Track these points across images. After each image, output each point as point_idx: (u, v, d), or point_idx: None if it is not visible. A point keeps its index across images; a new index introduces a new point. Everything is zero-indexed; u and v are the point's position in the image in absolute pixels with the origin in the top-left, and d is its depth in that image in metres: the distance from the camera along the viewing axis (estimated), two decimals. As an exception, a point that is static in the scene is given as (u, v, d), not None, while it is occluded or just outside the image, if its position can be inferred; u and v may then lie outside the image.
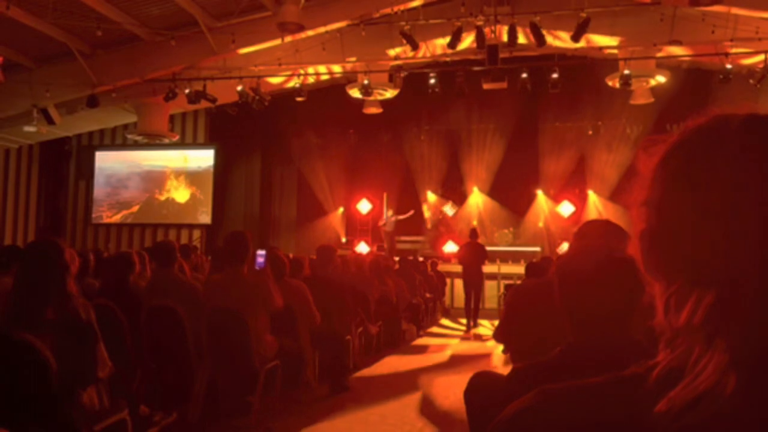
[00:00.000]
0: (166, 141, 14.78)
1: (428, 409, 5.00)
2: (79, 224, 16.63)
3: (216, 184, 15.96)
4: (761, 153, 0.62)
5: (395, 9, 10.49)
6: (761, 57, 10.82)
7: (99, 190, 16.29)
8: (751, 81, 11.12)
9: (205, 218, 15.90)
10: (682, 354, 0.62)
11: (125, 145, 16.10)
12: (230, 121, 14.76)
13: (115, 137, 16.51)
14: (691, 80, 12.40)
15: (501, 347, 6.99)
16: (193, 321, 4.10)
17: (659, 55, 11.61)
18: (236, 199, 16.55)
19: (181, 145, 15.93)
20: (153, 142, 14.81)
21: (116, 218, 16.28)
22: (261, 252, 4.48)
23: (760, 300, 0.58)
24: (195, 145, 16.28)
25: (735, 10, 9.73)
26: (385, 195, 16.18)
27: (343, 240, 16.43)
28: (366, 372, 6.32)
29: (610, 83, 12.09)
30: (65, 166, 16.72)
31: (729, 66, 11.07)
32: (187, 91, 12.12)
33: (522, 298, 2.74)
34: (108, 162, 16.30)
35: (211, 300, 4.21)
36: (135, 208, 16.20)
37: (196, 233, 16.05)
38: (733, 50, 10.93)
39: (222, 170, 16.07)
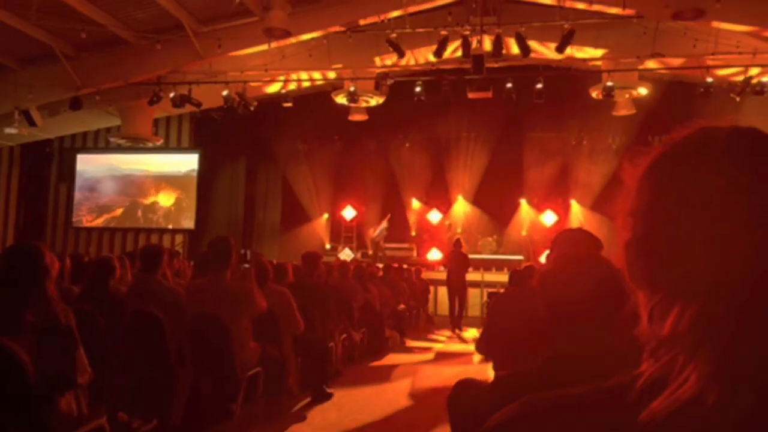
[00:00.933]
0: (150, 145, 14.66)
1: (411, 416, 4.99)
2: (59, 228, 16.41)
3: (200, 189, 15.85)
4: (745, 165, 0.63)
5: (382, 17, 10.53)
6: (741, 70, 11.01)
7: (80, 193, 16.10)
8: (731, 95, 11.30)
9: (189, 223, 15.77)
10: (666, 364, 0.62)
11: (108, 149, 15.94)
12: (215, 125, 14.69)
13: (97, 140, 16.34)
14: (673, 93, 12.57)
15: (480, 357, 7.00)
16: (175, 327, 4.05)
17: (642, 67, 11.78)
18: (220, 204, 16.45)
19: (165, 149, 15.81)
20: (136, 145, 14.68)
21: (98, 222, 16.10)
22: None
23: (744, 311, 0.58)
24: (179, 149, 16.17)
25: (716, 25, 9.90)
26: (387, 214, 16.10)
27: (327, 246, 16.39)
28: (349, 379, 6.29)
29: (593, 94, 12.23)
30: (46, 168, 16.51)
31: (710, 79, 11.26)
32: (171, 95, 12.05)
33: (504, 306, 2.75)
34: (90, 165, 16.13)
35: (193, 305, 4.18)
36: (118, 212, 16.03)
37: (179, 238, 15.91)
38: (713, 63, 11.11)
39: (206, 175, 15.97)
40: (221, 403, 4.22)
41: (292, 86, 13.21)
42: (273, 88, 13.47)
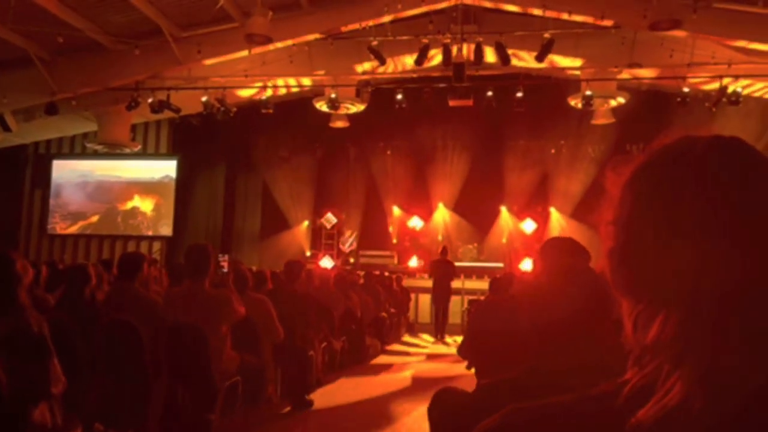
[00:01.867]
0: (128, 151, 14.47)
1: (392, 424, 4.95)
2: (34, 235, 16.10)
3: (178, 196, 15.67)
4: (726, 174, 0.63)
5: (363, 24, 10.55)
6: (717, 80, 11.22)
7: (56, 200, 15.83)
8: (707, 104, 11.49)
9: (167, 230, 15.58)
10: (652, 372, 0.62)
11: (84, 155, 15.70)
12: (194, 131, 14.55)
13: (73, 146, 16.08)
14: (651, 102, 12.75)
15: (464, 363, 6.99)
16: (152, 336, 3.99)
17: (620, 77, 11.94)
18: (198, 211, 16.27)
19: (143, 155, 15.63)
20: (113, 151, 14.49)
21: (73, 229, 15.84)
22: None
23: (726, 318, 0.58)
24: (157, 155, 15.98)
25: (692, 35, 10.08)
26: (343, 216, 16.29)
27: (308, 254, 16.31)
28: (329, 388, 6.24)
29: (572, 103, 12.36)
30: (21, 174, 16.20)
31: (686, 89, 11.44)
32: (150, 100, 11.92)
33: (485, 314, 2.74)
34: (66, 171, 15.88)
35: (170, 314, 4.11)
36: (94, 219, 15.79)
37: (156, 245, 15.71)
38: (690, 74, 11.31)
39: (184, 181, 15.80)
40: (199, 413, 4.15)
41: (271, 93, 13.16)
42: (253, 94, 13.41)
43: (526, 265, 13.12)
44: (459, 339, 10.66)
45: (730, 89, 10.95)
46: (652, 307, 0.64)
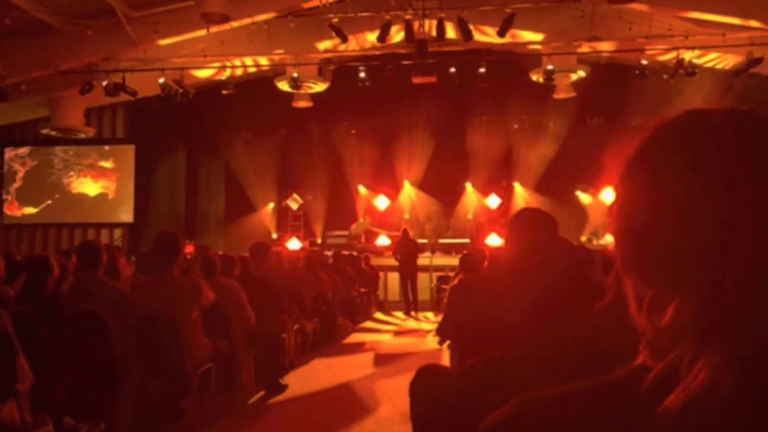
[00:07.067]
0: (82, 136, 14.04)
1: (368, 403, 4.97)
2: (-13, 226, 15.54)
3: (138, 181, 15.28)
4: (748, 148, 0.61)
5: (324, 1, 10.36)
6: (674, 54, 11.42)
7: (10, 187, 15.26)
8: (664, 76, 11.70)
9: (127, 216, 15.20)
10: (675, 357, 0.60)
11: (37, 141, 15.13)
12: (152, 115, 14.17)
13: (25, 132, 15.48)
14: (610, 75, 12.92)
15: (436, 339, 7.07)
16: (120, 326, 3.89)
17: (580, 50, 12.04)
18: (160, 197, 15.90)
19: (99, 140, 15.16)
20: (68, 137, 14.02)
21: (27, 212, 15.22)
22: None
23: (751, 299, 0.57)
24: (114, 140, 15.52)
25: (650, 8, 10.20)
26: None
27: (274, 236, 16.16)
28: (302, 370, 6.23)
29: (534, 78, 12.44)
30: (-29, 163, 15.56)
31: (644, 62, 11.62)
32: (104, 83, 11.54)
33: (464, 294, 2.75)
34: (19, 158, 15.31)
35: (139, 303, 4.02)
36: (49, 203, 15.24)
37: (118, 232, 15.34)
38: (648, 46, 11.48)
39: (144, 166, 15.38)
40: (172, 402, 4.09)
41: (230, 72, 12.87)
42: (212, 75, 13.10)
43: (493, 240, 13.27)
44: (430, 315, 10.82)
45: (686, 60, 11.16)
46: (668, 289, 0.62)
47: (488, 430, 0.71)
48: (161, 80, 11.71)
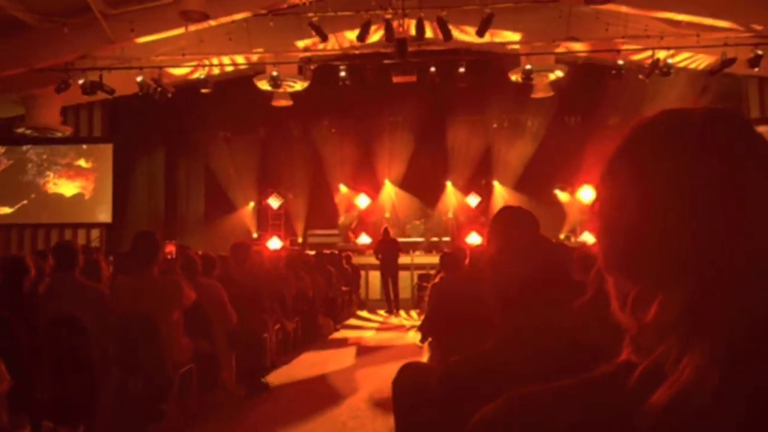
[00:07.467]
0: (59, 135, 13.81)
1: (349, 402, 4.98)
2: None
3: (116, 180, 15.07)
4: (728, 146, 0.62)
5: (303, 0, 10.33)
6: (650, 53, 11.58)
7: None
8: (640, 76, 11.86)
9: (105, 217, 14.99)
10: (660, 355, 0.61)
11: (12, 140, 14.84)
12: (130, 113, 14.01)
13: (0, 131, 15.19)
14: (587, 75, 13.07)
15: (418, 336, 7.09)
16: (99, 327, 3.85)
17: (557, 50, 12.15)
18: (139, 196, 15.72)
19: (76, 139, 14.93)
20: (44, 136, 13.78)
21: (3, 213, 14.93)
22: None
23: (733, 296, 0.58)
24: (91, 139, 15.30)
25: (625, 9, 10.34)
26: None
27: (255, 235, 16.07)
28: (284, 370, 6.21)
29: (513, 78, 12.53)
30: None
31: (621, 62, 11.77)
32: (81, 81, 11.38)
33: (446, 292, 2.76)
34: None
35: (119, 304, 3.98)
36: (24, 203, 14.96)
37: (95, 233, 15.12)
38: (624, 47, 11.62)
39: (122, 165, 15.19)
40: (152, 403, 4.05)
41: (206, 71, 12.74)
42: (191, 74, 12.97)
43: (473, 238, 13.34)
44: (413, 313, 10.84)
45: (661, 60, 11.32)
46: (652, 286, 0.62)
47: (478, 426, 0.71)
48: (139, 79, 11.58)
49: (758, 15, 10.17)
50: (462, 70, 12.18)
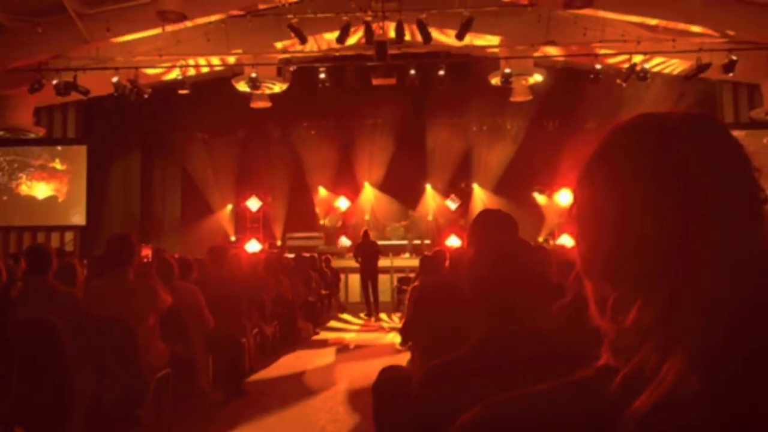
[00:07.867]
0: (32, 136, 13.56)
1: (328, 406, 4.95)
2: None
3: (90, 183, 14.83)
4: (704, 150, 0.62)
5: (282, 1, 10.28)
6: (627, 58, 11.74)
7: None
8: (618, 81, 12.01)
9: (79, 219, 14.74)
10: (641, 359, 0.60)
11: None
12: (105, 114, 13.81)
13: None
14: (565, 79, 13.20)
15: (399, 339, 7.08)
16: (72, 331, 3.77)
17: (536, 54, 12.26)
18: (114, 199, 15.48)
19: (50, 140, 14.67)
20: (16, 137, 13.53)
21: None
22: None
23: (710, 300, 0.57)
24: (65, 140, 15.04)
25: (603, 14, 10.47)
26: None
27: (233, 238, 15.94)
28: (263, 374, 6.15)
29: (492, 81, 12.61)
30: None
31: (599, 66, 11.91)
32: (55, 82, 11.19)
33: (426, 297, 2.75)
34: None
35: (92, 308, 3.90)
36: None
37: (69, 236, 14.86)
38: (602, 51, 11.77)
39: (97, 167, 14.95)
40: (128, 409, 3.98)
41: (180, 71, 12.61)
42: (168, 75, 12.83)
43: (453, 241, 13.37)
44: (394, 317, 10.84)
45: (638, 65, 11.48)
46: (630, 291, 0.62)
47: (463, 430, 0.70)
48: (115, 79, 11.42)
49: (732, 21, 10.37)
50: (442, 73, 12.23)
